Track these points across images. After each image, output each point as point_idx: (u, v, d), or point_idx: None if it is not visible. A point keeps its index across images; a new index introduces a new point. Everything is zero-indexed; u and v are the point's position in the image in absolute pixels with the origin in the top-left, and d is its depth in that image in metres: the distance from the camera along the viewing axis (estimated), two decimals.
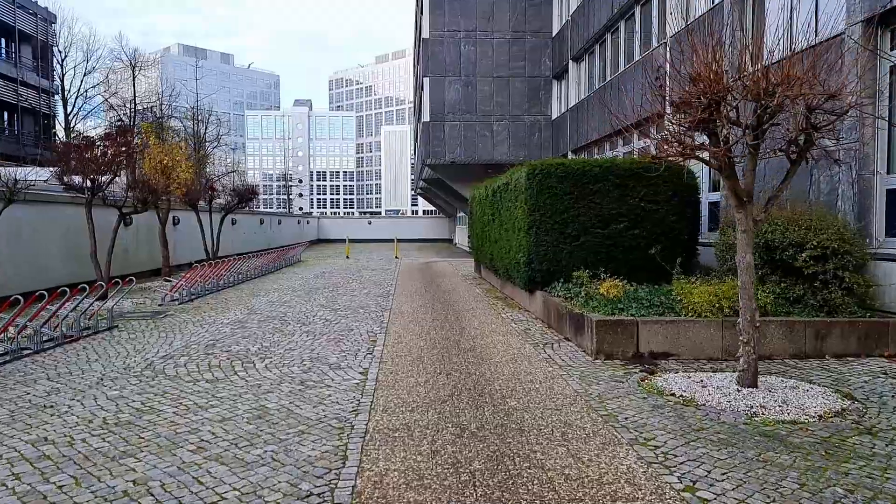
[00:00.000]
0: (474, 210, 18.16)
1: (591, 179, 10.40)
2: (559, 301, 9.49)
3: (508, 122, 27.08)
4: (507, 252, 12.63)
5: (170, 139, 42.12)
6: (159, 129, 39.62)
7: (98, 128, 36.66)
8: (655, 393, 6.13)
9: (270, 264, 21.68)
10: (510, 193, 12.19)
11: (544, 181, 10.51)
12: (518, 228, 11.39)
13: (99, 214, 14.63)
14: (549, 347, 8.33)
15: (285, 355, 7.76)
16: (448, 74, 26.79)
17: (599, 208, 10.37)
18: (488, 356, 7.74)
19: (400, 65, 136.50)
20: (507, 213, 12.58)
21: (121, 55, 36.76)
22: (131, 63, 37.49)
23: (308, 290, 15.52)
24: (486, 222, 15.52)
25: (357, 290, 15.48)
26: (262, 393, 6.06)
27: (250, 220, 33.49)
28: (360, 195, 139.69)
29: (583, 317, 8.15)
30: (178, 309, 12.09)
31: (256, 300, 13.38)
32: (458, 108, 26.91)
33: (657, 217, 10.37)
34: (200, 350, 8.05)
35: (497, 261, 14.14)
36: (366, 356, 7.75)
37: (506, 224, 12.71)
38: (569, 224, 10.44)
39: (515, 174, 11.79)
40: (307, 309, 11.97)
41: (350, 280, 18.10)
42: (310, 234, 52.22)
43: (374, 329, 9.71)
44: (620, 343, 7.63)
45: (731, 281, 8.31)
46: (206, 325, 10.14)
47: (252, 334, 9.21)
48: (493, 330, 9.63)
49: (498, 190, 13.54)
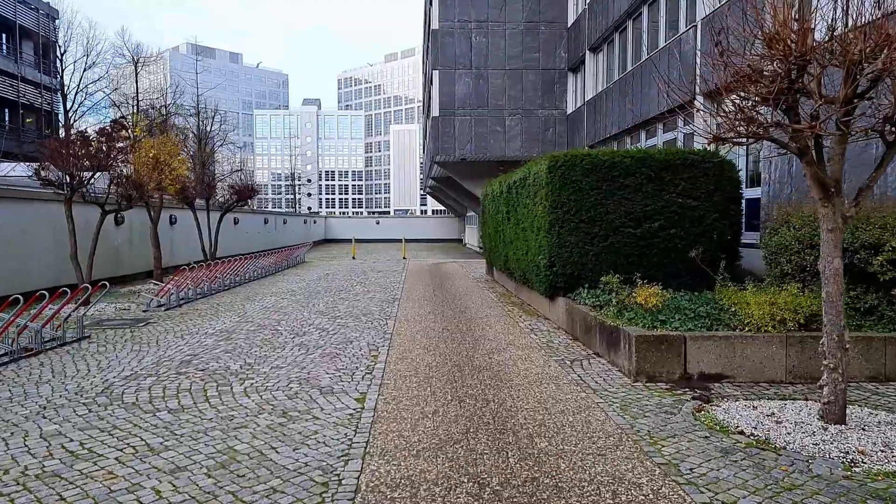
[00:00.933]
0: (487, 208, 17.00)
1: (622, 172, 9.21)
2: (587, 310, 8.31)
3: (521, 117, 25.89)
4: (525, 254, 11.47)
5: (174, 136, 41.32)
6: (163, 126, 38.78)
7: (99, 125, 35.81)
8: (718, 430, 4.95)
9: (271, 266, 20.63)
10: (528, 189, 11.02)
11: (568, 175, 9.34)
12: (537, 228, 10.22)
13: (85, 212, 13.63)
14: (578, 365, 7.15)
15: (270, 375, 6.63)
16: (458, 67, 25.64)
17: (631, 205, 9.18)
18: (507, 377, 6.58)
19: (409, 63, 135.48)
20: (524, 210, 11.42)
21: (123, 51, 35.78)
22: (134, 59, 36.62)
23: (308, 294, 14.42)
24: (500, 221, 14.36)
25: (360, 294, 14.37)
26: (233, 429, 4.94)
27: (254, 219, 32.51)
28: (369, 195, 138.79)
29: (618, 330, 6.97)
30: (163, 316, 11.02)
31: (250, 306, 12.29)
32: (469, 102, 25.75)
33: (697, 215, 9.16)
34: (173, 368, 6.95)
35: (512, 263, 12.97)
36: (364, 376, 6.62)
37: (523, 223, 11.55)
38: (596, 223, 9.26)
39: (534, 167, 10.62)
40: (304, 316, 10.86)
41: (354, 283, 16.99)
42: (317, 233, 51.26)
43: (375, 341, 8.57)
44: (665, 363, 6.44)
45: (792, 288, 7.11)
46: (187, 335, 9.05)
47: (237, 348, 8.10)
48: (510, 342, 8.47)
49: (514, 185, 12.38)
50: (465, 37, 25.65)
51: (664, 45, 16.09)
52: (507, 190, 13.10)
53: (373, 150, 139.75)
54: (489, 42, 25.68)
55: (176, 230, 21.14)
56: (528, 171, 11.17)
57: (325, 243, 52.27)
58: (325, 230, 55.42)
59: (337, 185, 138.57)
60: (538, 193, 10.16)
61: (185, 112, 44.14)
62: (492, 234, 16.06)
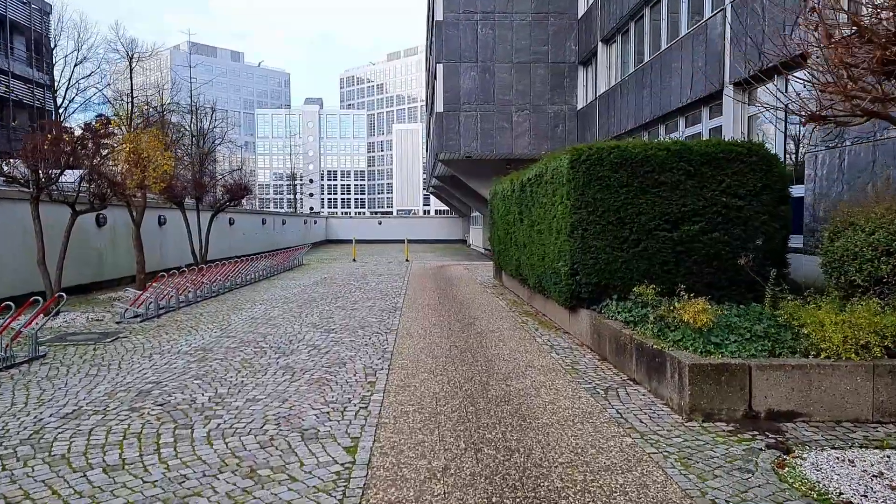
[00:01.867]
0: (495, 209, 15.83)
1: (657, 167, 8.02)
2: (618, 326, 7.14)
3: (529, 113, 24.70)
4: (541, 259, 10.30)
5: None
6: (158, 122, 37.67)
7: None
8: (816, 498, 3.77)
9: (266, 269, 19.49)
10: (545, 187, 9.85)
11: (594, 170, 8.16)
12: (557, 230, 9.05)
13: (60, 213, 12.50)
14: (615, 396, 5.98)
15: (243, 412, 5.47)
16: (463, 60, 24.46)
17: (667, 204, 7.99)
18: (532, 413, 5.42)
19: (412, 62, 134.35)
20: (540, 211, 10.25)
21: (117, 45, 34.67)
22: (128, 54, 35.49)
23: (302, 301, 13.26)
24: (511, 223, 13.19)
25: (359, 301, 13.21)
26: (180, 498, 3.77)
27: (250, 219, 31.38)
28: (372, 195, 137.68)
29: (663, 355, 5.80)
30: (137, 329, 9.87)
31: (236, 316, 11.14)
32: (475, 97, 24.57)
33: (743, 216, 7.96)
34: (127, 401, 5.79)
35: (525, 269, 11.80)
36: (358, 412, 5.45)
37: (538, 225, 10.38)
38: (626, 225, 8.08)
39: (553, 162, 9.45)
40: (294, 330, 9.70)
41: (353, 288, 15.84)
42: (317, 234, 50.15)
43: (373, 362, 7.41)
44: (725, 397, 5.27)
45: (871, 305, 5.92)
46: (157, 354, 7.90)
47: (210, 372, 6.94)
48: (529, 364, 7.30)
49: (528, 183, 11.20)
50: (470, 29, 24.47)
51: (687, 33, 14.89)
52: (520, 188, 11.92)
53: (375, 150, 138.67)
54: (496, 34, 24.49)
55: (166, 231, 20.02)
56: (544, 167, 10.00)
57: (327, 244, 51.15)
58: (327, 231, 54.31)
59: (339, 185, 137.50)
60: (558, 192, 8.99)
61: (182, 109, 43.05)
62: (501, 236, 14.89)
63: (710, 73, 13.53)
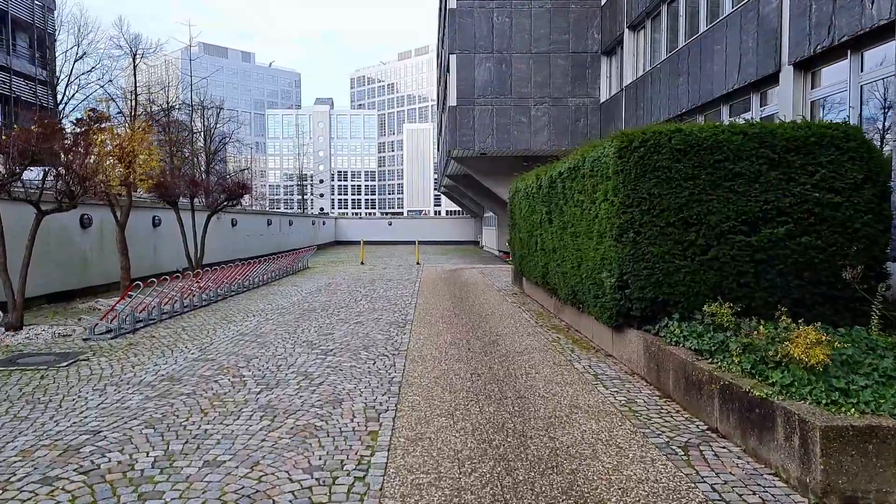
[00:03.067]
0: (517, 209, 14.29)
1: (730, 155, 6.46)
2: (687, 357, 5.59)
3: (549, 106, 23.13)
4: (575, 267, 8.76)
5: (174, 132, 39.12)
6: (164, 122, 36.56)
7: None
8: None
9: (268, 274, 18.09)
10: (582, 182, 8.31)
11: (649, 159, 6.62)
12: (599, 234, 7.51)
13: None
14: (698, 458, 4.44)
15: (194, 486, 3.98)
16: (478, 51, 22.95)
17: (743, 201, 6.43)
18: (593, 488, 3.89)
19: (423, 61, 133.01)
20: (575, 210, 8.71)
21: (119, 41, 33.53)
22: (132, 50, 34.35)
23: (300, 312, 11.81)
24: (537, 224, 11.65)
25: (365, 312, 11.73)
26: None
27: (255, 220, 30.04)
28: (382, 195, 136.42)
29: (770, 406, 4.25)
30: (104, 347, 8.45)
31: (223, 332, 9.69)
32: (490, 90, 23.04)
33: (841, 215, 6.37)
34: (44, 463, 4.33)
35: (555, 277, 10.26)
36: (352, 488, 3.95)
37: (573, 227, 8.84)
38: (691, 227, 6.53)
39: (593, 152, 7.91)
40: (285, 351, 8.23)
41: (359, 296, 14.37)
42: (326, 235, 48.87)
43: (377, 400, 5.91)
44: (876, 475, 3.71)
45: None
46: (113, 385, 6.45)
47: (170, 414, 5.47)
48: (574, 402, 5.77)
49: (559, 179, 9.66)
50: (485, 17, 22.95)
51: (733, 10, 13.27)
52: (549, 185, 10.39)
53: (386, 150, 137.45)
54: (513, 22, 22.96)
55: (161, 233, 18.69)
56: (581, 159, 8.46)
57: (336, 245, 49.87)
58: (336, 232, 53.04)
59: (350, 185, 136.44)
60: (600, 187, 7.46)
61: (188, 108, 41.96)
62: (524, 239, 13.35)
63: (763, 54, 11.92)
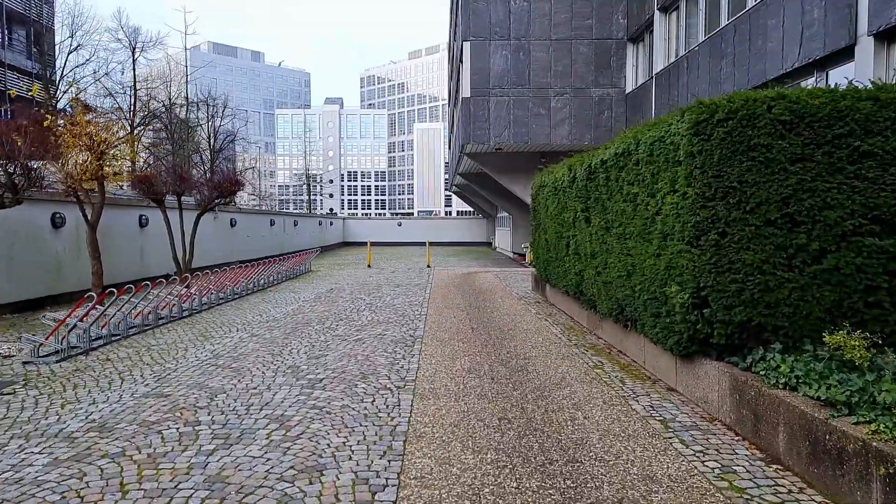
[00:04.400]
0: (541, 206, 12.60)
1: (857, 128, 4.76)
2: (815, 413, 3.89)
3: (570, 97, 21.40)
4: (624, 276, 7.07)
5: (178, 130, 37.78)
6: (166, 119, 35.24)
7: None
8: None
9: (264, 278, 16.52)
10: (635, 171, 6.63)
11: (740, 136, 4.94)
12: (662, 235, 5.82)
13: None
14: None
15: None
16: (494, 37, 21.27)
17: (874, 191, 4.73)
18: None
19: (433, 60, 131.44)
20: (624, 206, 7.02)
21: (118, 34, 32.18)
22: (131, 43, 33.05)
23: (293, 326, 10.21)
24: (568, 224, 9.96)
25: (367, 326, 10.11)
26: None
27: (256, 220, 28.52)
28: (392, 196, 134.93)
29: None
30: (42, 375, 6.86)
31: (194, 354, 8.08)
32: (507, 80, 21.36)
33: None
34: None
35: (593, 287, 8.56)
36: None
37: (620, 227, 7.16)
38: (799, 227, 4.83)
39: (652, 132, 6.21)
40: (262, 382, 6.60)
41: (361, 306, 12.74)
42: (334, 236, 47.36)
43: (371, 466, 4.26)
44: None
45: None
46: (21, 437, 4.85)
47: (71, 497, 3.86)
48: (648, 473, 4.09)
49: (601, 169, 7.97)
50: (501, 0, 21.27)
51: None
52: (586, 177, 8.69)
53: (396, 150, 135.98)
54: (531, 7, 21.26)
55: (148, 234, 17.17)
56: (632, 142, 6.77)
57: (344, 247, 48.36)
58: (344, 232, 51.50)
59: (359, 185, 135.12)
60: (664, 175, 5.77)
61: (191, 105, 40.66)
62: (550, 241, 11.65)
63: (834, 25, 10.17)
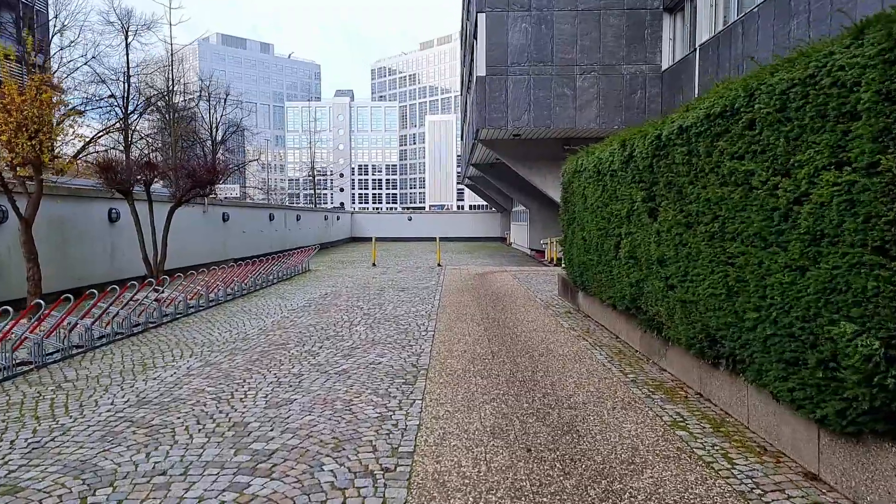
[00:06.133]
0: (577, 196, 10.30)
1: None
2: None
3: (598, 76, 19.04)
4: (722, 295, 4.80)
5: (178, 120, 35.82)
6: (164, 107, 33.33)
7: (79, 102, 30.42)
8: None
9: (251, 281, 14.41)
10: (745, 139, 4.37)
11: None
12: (810, 235, 3.56)
13: None
14: None
15: None
16: (513, 8, 18.94)
17: None
18: None
19: (445, 51, 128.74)
20: (723, 192, 4.75)
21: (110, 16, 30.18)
22: (123, 26, 31.06)
23: (262, 349, 8.05)
24: (619, 218, 7.68)
25: (357, 350, 7.93)
26: None
27: (252, 214, 26.47)
28: (403, 189, 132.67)
29: None
30: None
31: (111, 398, 5.93)
32: (527, 56, 19.04)
33: None
34: None
35: (658, 303, 6.29)
36: None
37: (716, 222, 4.88)
38: None
39: (784, 73, 3.94)
40: (181, 460, 4.44)
41: (357, 317, 10.58)
42: (340, 231, 45.31)
43: None
44: None
45: None
46: None
47: None
48: None
49: (680, 139, 5.68)
50: None
51: None
52: (651, 154, 6.40)
53: (407, 143, 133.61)
54: None
55: (120, 230, 15.12)
56: (741, 93, 4.49)
57: (351, 242, 46.31)
58: (352, 227, 49.46)
59: (370, 179, 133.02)
60: (818, 139, 3.51)
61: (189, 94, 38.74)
62: (590, 240, 9.36)
63: None
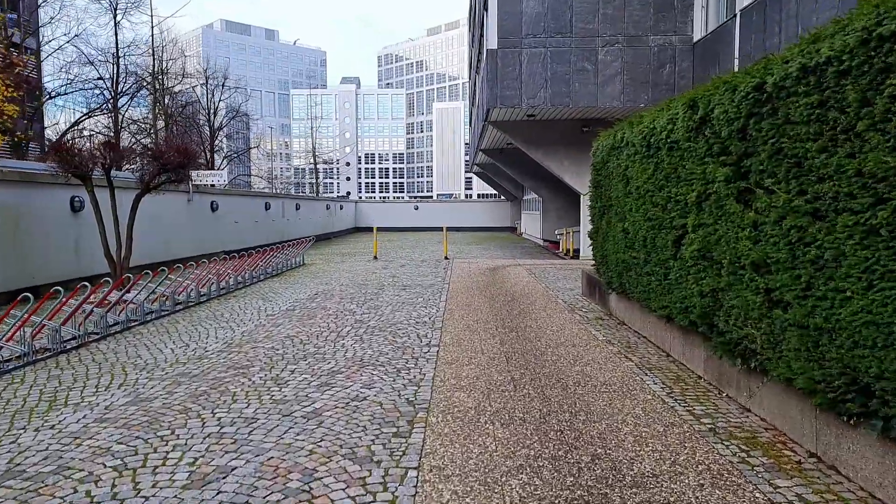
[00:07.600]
0: (615, 179, 8.45)
1: None
2: None
3: (622, 48, 17.11)
4: (886, 323, 3.02)
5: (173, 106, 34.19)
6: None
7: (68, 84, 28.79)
8: None
9: (232, 278, 12.69)
10: None
11: None
12: None
13: None
14: None
15: None
16: None
17: None
18: None
19: (453, 36, 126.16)
20: (894, 160, 2.96)
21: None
22: (112, 4, 29.32)
23: (214, 376, 6.35)
24: (682, 206, 5.87)
25: (337, 377, 6.20)
26: None
27: (246, 203, 24.75)
28: (410, 178, 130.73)
29: None
30: None
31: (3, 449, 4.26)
32: (543, 26, 17.13)
33: None
34: None
35: (754, 323, 4.50)
36: None
37: (881, 208, 3.09)
38: None
39: None
40: None
41: (346, 326, 8.84)
42: (344, 221, 43.59)
43: None
44: None
45: None
46: None
47: None
48: None
49: (800, 88, 3.85)
50: None
51: None
52: (747, 113, 4.56)
53: (415, 131, 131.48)
54: None
55: (85, 222, 13.44)
56: None
57: (355, 233, 44.59)
58: (356, 217, 47.70)
59: (377, 168, 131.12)
60: None
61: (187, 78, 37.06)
62: (635, 233, 7.55)
63: None
